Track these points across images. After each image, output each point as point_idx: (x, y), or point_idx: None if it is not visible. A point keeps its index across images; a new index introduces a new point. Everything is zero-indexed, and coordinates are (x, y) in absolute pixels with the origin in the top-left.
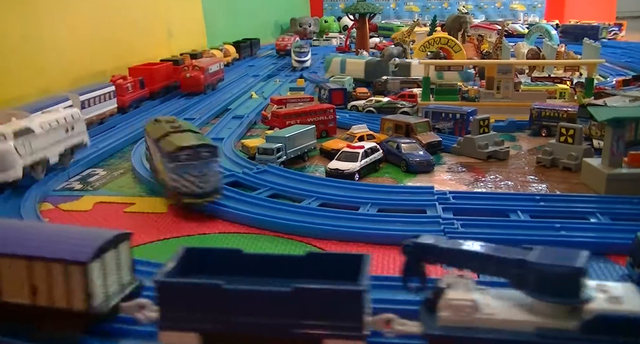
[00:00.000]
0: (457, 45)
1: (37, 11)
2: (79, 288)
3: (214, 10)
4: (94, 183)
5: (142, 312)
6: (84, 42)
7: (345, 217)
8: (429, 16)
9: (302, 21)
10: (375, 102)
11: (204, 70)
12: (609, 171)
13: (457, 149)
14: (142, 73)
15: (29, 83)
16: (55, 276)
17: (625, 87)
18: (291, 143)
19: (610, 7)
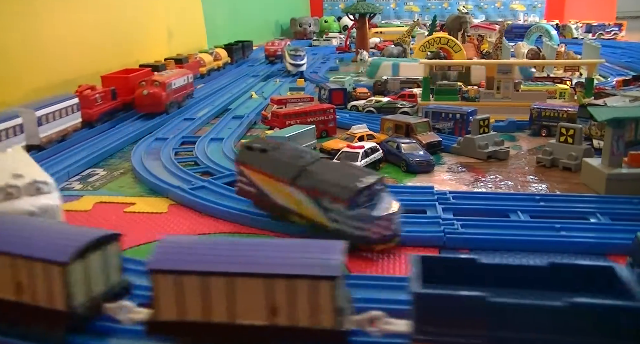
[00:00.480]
0: (457, 45)
1: (36, 11)
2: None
3: (214, 11)
4: (94, 183)
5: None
6: (84, 42)
7: None
8: (429, 16)
9: (302, 21)
10: (375, 102)
11: (165, 86)
12: (609, 171)
13: (457, 149)
14: (115, 82)
15: (28, 83)
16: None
17: (625, 87)
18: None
19: (610, 7)
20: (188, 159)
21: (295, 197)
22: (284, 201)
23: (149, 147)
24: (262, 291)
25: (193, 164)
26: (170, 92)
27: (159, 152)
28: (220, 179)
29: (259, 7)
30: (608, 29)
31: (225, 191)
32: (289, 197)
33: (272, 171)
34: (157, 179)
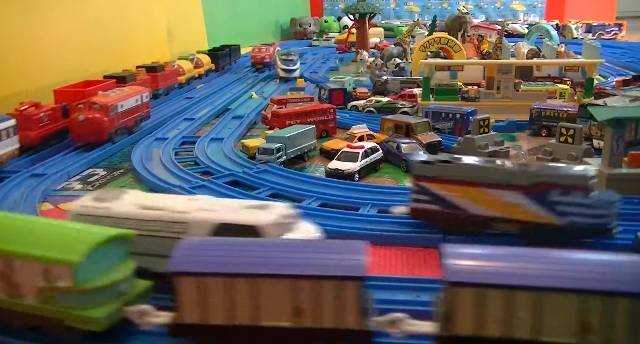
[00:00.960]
0: (457, 45)
1: (36, 11)
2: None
3: (214, 11)
4: (94, 183)
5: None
6: (84, 42)
7: (346, 218)
8: (429, 16)
9: (302, 21)
10: (375, 102)
11: (107, 109)
12: (609, 171)
13: (457, 149)
14: (69, 97)
15: (28, 83)
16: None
17: (625, 87)
18: (291, 143)
19: (610, 7)
20: (188, 159)
21: (507, 201)
22: (487, 209)
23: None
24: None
25: (193, 164)
26: (116, 116)
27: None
28: (220, 179)
29: (259, 7)
30: (608, 29)
31: (225, 190)
32: (495, 204)
33: (475, 178)
34: (157, 179)
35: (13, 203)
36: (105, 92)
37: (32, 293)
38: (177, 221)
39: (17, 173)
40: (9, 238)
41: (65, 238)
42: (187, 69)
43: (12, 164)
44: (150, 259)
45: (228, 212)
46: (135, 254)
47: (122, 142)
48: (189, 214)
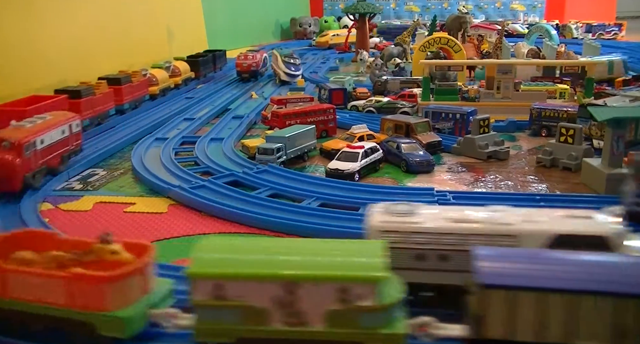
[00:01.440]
0: (457, 45)
1: (38, 13)
2: None
3: (214, 11)
4: (94, 183)
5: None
6: (84, 43)
7: (346, 218)
8: (429, 16)
9: (302, 21)
10: (375, 102)
11: (21, 148)
12: (609, 171)
13: (457, 149)
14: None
15: (28, 84)
16: None
17: (625, 87)
18: (291, 143)
19: (610, 7)
20: (188, 159)
21: None
22: None
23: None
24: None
25: (193, 164)
26: (34, 155)
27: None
28: (220, 179)
29: (259, 7)
30: (608, 29)
31: (225, 190)
32: None
33: None
34: (157, 179)
35: (13, 203)
36: (20, 123)
37: (320, 318)
38: (505, 234)
39: None
40: (290, 263)
41: (352, 255)
42: (161, 78)
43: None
44: (457, 275)
45: (561, 223)
46: (440, 271)
47: (122, 142)
48: (516, 226)
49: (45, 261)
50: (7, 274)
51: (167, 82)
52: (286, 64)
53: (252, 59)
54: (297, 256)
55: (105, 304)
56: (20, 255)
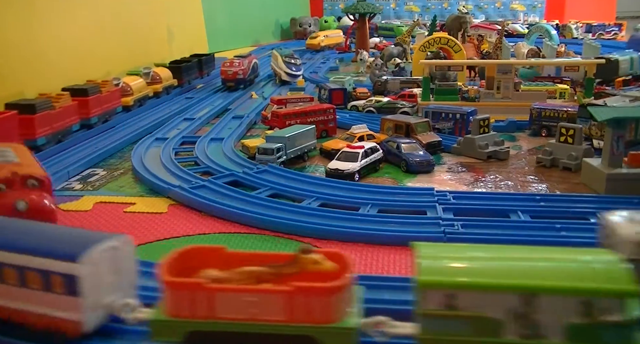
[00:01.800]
0: (457, 45)
1: (37, 13)
2: None
3: (214, 11)
4: (94, 183)
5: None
6: (84, 44)
7: (346, 218)
8: (429, 16)
9: (302, 21)
10: (375, 102)
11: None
12: (609, 171)
13: (457, 149)
14: None
15: (28, 84)
16: None
17: (625, 87)
18: (291, 143)
19: (610, 7)
20: (188, 159)
21: None
22: None
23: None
24: None
25: (193, 164)
26: None
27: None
28: (220, 179)
29: (259, 7)
30: (608, 29)
31: (225, 190)
32: None
33: None
34: (157, 179)
35: None
36: None
37: (559, 331)
38: None
39: None
40: (527, 272)
41: (592, 265)
42: (137, 87)
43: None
44: None
45: None
46: None
47: (122, 142)
48: None
49: (241, 277)
50: (214, 293)
51: (145, 91)
52: (287, 64)
53: (238, 65)
54: (529, 263)
55: (331, 316)
56: (209, 273)
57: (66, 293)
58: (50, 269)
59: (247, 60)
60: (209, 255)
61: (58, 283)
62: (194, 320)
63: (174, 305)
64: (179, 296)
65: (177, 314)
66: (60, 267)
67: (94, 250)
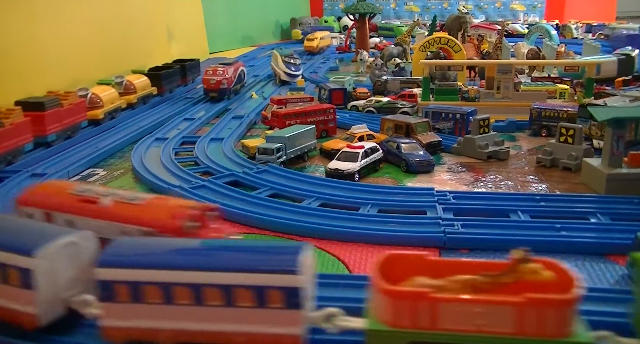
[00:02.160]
0: (457, 45)
1: (37, 13)
2: None
3: (214, 11)
4: (94, 183)
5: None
6: (84, 44)
7: (346, 218)
8: (429, 16)
9: (302, 21)
10: (375, 102)
11: None
12: (609, 171)
13: (457, 149)
14: None
15: (29, 85)
16: None
17: (625, 87)
18: (291, 143)
19: (610, 7)
20: (188, 159)
21: None
22: None
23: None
24: None
25: (193, 164)
26: None
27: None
28: (220, 179)
29: (259, 7)
30: None
31: (225, 190)
32: None
33: None
34: (157, 179)
35: (13, 203)
36: None
37: None
38: None
39: (17, 173)
40: None
41: None
42: (107, 98)
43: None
44: None
45: None
46: None
47: (122, 142)
48: None
49: (456, 286)
50: (437, 303)
51: (117, 102)
52: (286, 64)
53: (221, 74)
54: None
55: (565, 330)
56: (421, 281)
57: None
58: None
59: (232, 68)
60: (413, 262)
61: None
62: (415, 330)
63: (394, 314)
64: (400, 305)
65: (397, 324)
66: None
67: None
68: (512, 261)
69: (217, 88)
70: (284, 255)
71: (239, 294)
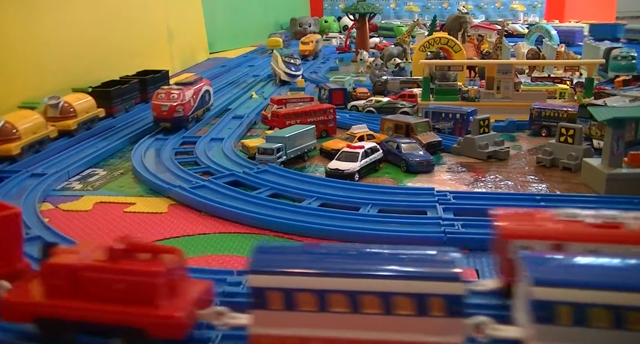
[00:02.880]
0: (457, 45)
1: (37, 13)
2: None
3: (214, 11)
4: (94, 183)
5: None
6: (84, 44)
7: (346, 218)
8: (429, 16)
9: (302, 21)
10: (375, 102)
11: None
12: (609, 171)
13: (457, 149)
14: None
15: (29, 86)
16: None
17: (625, 87)
18: (291, 143)
19: (610, 7)
20: (188, 159)
21: None
22: None
23: None
24: None
25: (193, 164)
26: None
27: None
28: (220, 179)
29: (259, 7)
30: None
31: (225, 190)
32: None
33: None
34: (157, 179)
35: (13, 203)
36: None
37: None
38: None
39: (17, 173)
40: None
41: None
42: (26, 129)
43: (12, 163)
44: None
45: None
46: None
47: (122, 142)
48: None
49: None
50: None
51: (42, 132)
52: (286, 64)
53: (176, 98)
54: None
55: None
56: None
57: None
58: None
59: (191, 89)
60: None
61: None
62: None
63: None
64: None
65: None
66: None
67: None
68: None
69: (170, 117)
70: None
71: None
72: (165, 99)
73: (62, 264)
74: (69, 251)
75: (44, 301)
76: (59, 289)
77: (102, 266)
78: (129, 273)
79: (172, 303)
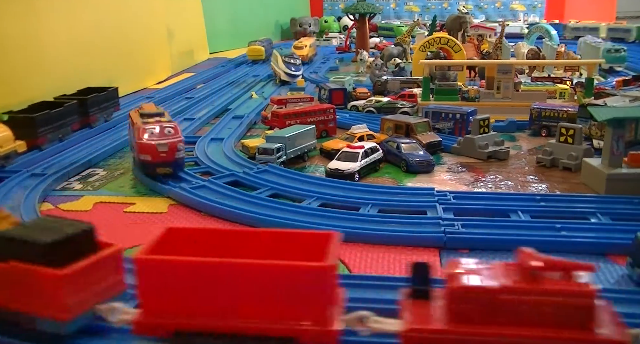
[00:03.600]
0: (457, 45)
1: (37, 12)
2: None
3: (214, 11)
4: (94, 183)
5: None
6: (84, 44)
7: (346, 218)
8: (429, 16)
9: (302, 21)
10: (375, 102)
11: None
12: (609, 171)
13: (457, 149)
14: None
15: (30, 87)
16: None
17: (625, 87)
18: (291, 143)
19: (610, 7)
20: (188, 159)
21: None
22: None
23: None
24: None
25: (193, 164)
26: None
27: None
28: (220, 179)
29: (259, 7)
30: None
31: (225, 190)
32: None
33: None
34: (157, 179)
35: (13, 203)
36: None
37: None
38: None
39: (17, 173)
40: None
41: None
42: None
43: (12, 163)
44: None
45: None
46: None
47: (122, 142)
48: None
49: None
50: None
51: (9, 146)
52: (286, 64)
53: (174, 133)
54: None
55: None
56: None
57: None
58: None
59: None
60: None
61: None
62: None
63: None
64: None
65: None
66: None
67: None
68: None
69: (172, 159)
70: None
71: None
72: (160, 135)
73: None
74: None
75: None
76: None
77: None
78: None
79: None
